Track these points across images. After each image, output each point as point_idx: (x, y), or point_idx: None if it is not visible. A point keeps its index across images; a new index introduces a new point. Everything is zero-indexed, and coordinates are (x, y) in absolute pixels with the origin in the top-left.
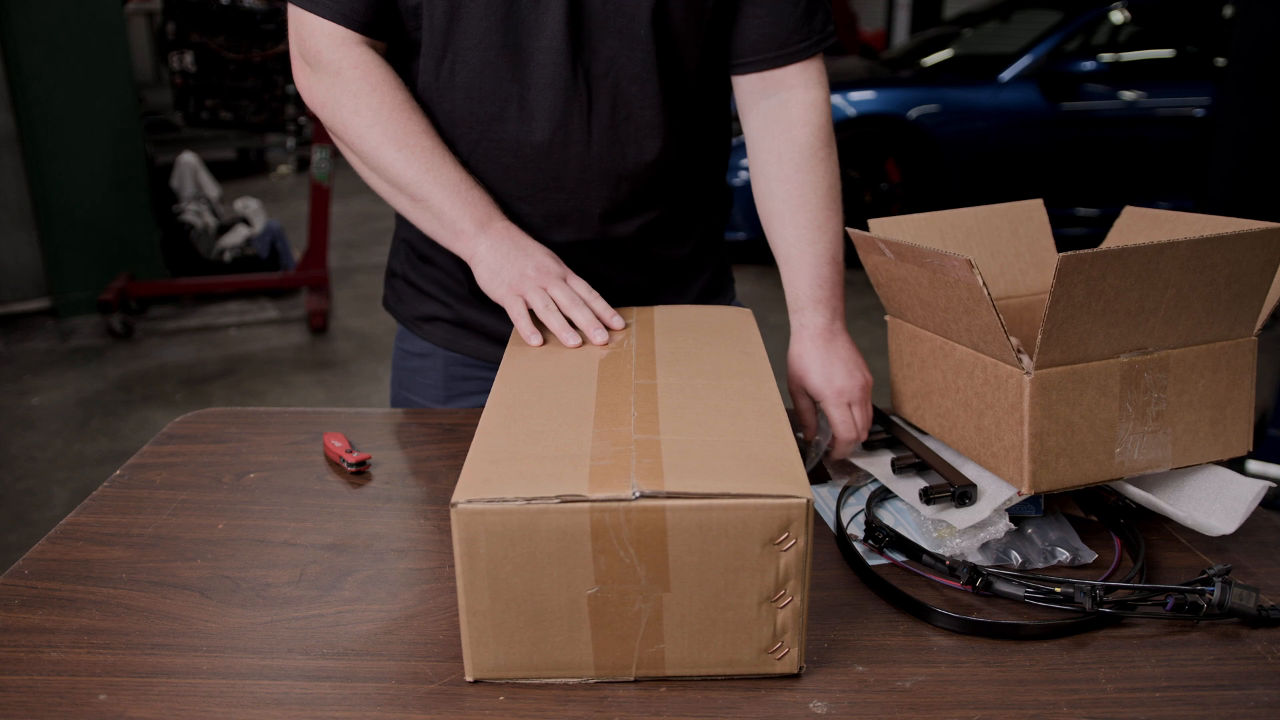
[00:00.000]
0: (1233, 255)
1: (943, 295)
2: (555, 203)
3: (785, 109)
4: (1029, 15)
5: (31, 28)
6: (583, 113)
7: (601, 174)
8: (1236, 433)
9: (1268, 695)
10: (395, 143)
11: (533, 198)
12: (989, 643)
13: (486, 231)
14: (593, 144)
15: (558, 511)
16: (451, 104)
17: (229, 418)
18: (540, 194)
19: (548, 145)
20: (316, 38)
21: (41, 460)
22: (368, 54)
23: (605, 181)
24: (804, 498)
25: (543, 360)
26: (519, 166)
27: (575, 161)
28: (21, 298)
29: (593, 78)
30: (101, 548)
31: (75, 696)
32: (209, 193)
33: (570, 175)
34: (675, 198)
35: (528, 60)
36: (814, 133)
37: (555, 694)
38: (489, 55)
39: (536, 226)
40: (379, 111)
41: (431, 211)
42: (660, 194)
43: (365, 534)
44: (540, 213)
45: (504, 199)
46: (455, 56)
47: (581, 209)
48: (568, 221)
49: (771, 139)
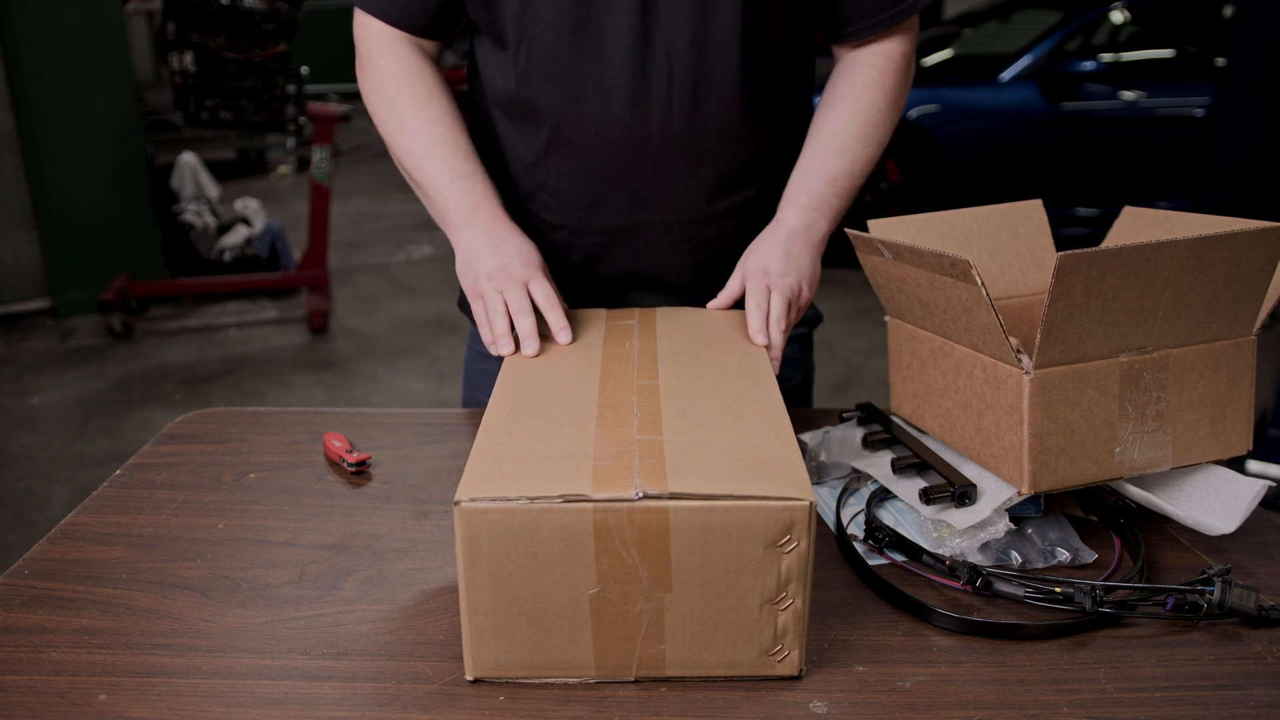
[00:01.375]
0: (1232, 255)
1: (942, 296)
2: (637, 182)
3: (858, 57)
4: (1029, 15)
5: (31, 28)
6: (662, 88)
7: (683, 151)
8: (1236, 432)
9: (1268, 695)
10: (404, 129)
11: (614, 178)
12: (989, 643)
13: (469, 224)
14: (674, 120)
15: (561, 511)
16: (530, 91)
17: (229, 418)
18: (622, 174)
19: (628, 123)
20: (363, 35)
21: (41, 460)
22: (404, 49)
23: (687, 159)
24: (806, 500)
25: (546, 360)
26: (599, 147)
27: (656, 139)
28: (21, 298)
29: (674, 52)
30: (101, 548)
31: (75, 696)
32: (209, 193)
33: (651, 154)
34: (762, 178)
35: (602, 37)
36: (875, 75)
37: (555, 694)
38: (562, 36)
39: (621, 209)
40: (396, 100)
41: (428, 198)
42: (747, 174)
43: (365, 534)
44: (623, 193)
45: (589, 182)
46: (529, 41)
47: (665, 188)
48: (652, 202)
49: (834, 78)
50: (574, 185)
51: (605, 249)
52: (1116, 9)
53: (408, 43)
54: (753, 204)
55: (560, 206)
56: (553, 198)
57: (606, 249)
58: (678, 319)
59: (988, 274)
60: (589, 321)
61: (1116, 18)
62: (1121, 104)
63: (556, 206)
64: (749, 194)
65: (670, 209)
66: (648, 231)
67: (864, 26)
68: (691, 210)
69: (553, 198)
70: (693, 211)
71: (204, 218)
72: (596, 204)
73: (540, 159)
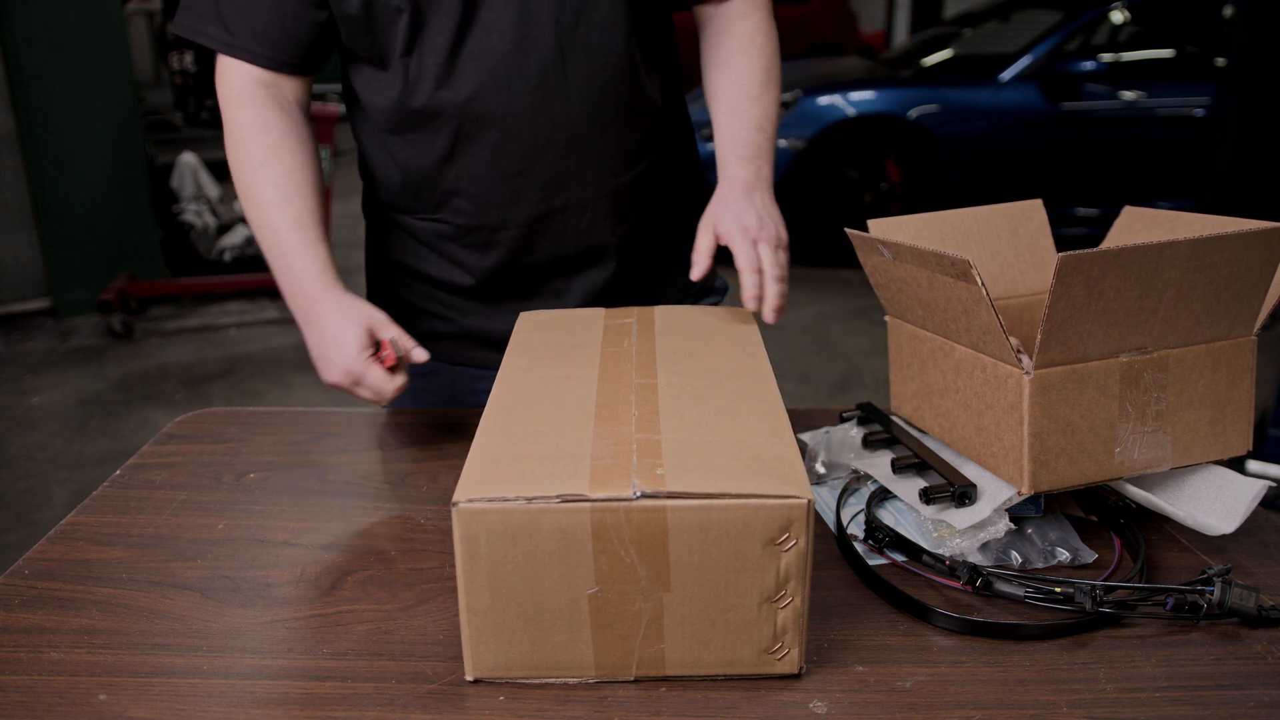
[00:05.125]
0: (1232, 255)
1: (942, 296)
2: (549, 167)
3: (730, 9)
4: (1029, 15)
5: (31, 28)
6: (558, 69)
7: (588, 128)
8: (1236, 432)
9: (1268, 695)
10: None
11: (529, 170)
12: (989, 643)
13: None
14: (572, 97)
15: (559, 511)
16: (422, 99)
17: (229, 418)
18: (534, 162)
19: (530, 110)
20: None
21: (41, 460)
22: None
23: (592, 134)
24: (805, 498)
25: (543, 360)
26: (505, 140)
27: (560, 121)
28: (21, 298)
29: (560, 31)
30: (101, 548)
31: (75, 696)
32: (209, 193)
33: (558, 136)
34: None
35: (489, 31)
36: (755, 24)
37: (555, 694)
38: (452, 38)
39: (536, 197)
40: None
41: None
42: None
43: (365, 534)
44: (538, 182)
45: (503, 177)
46: (420, 51)
47: (577, 169)
48: (567, 184)
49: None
50: (487, 184)
51: (527, 240)
52: (1116, 9)
53: (262, 91)
54: (661, 165)
55: (476, 208)
56: (467, 200)
57: (528, 239)
58: (676, 317)
59: (988, 274)
60: (587, 320)
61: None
62: (1121, 104)
63: (471, 209)
64: (654, 157)
65: (584, 188)
66: (566, 214)
67: None
68: (604, 185)
69: (467, 200)
70: (605, 186)
71: (204, 218)
72: (514, 197)
73: (444, 164)
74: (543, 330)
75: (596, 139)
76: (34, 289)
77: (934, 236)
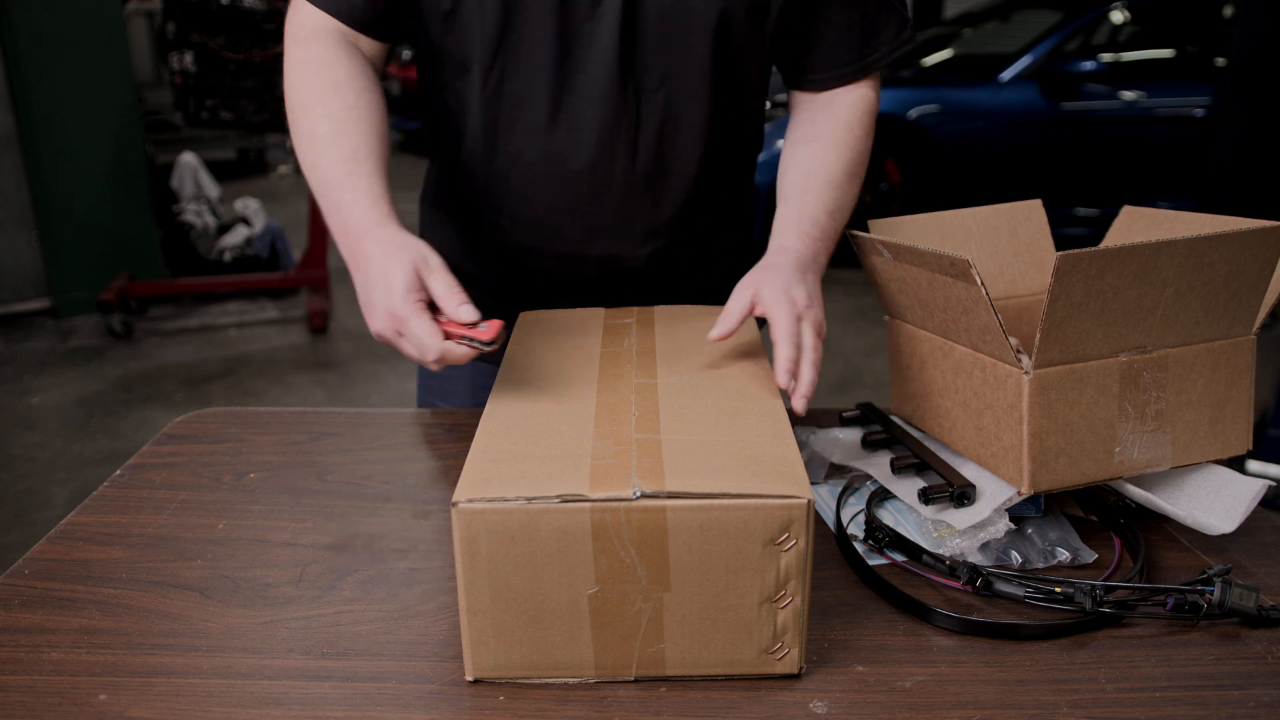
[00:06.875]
0: (1231, 254)
1: (942, 295)
2: (598, 217)
3: (837, 97)
4: (1029, 15)
5: (31, 28)
6: (630, 129)
7: (645, 190)
8: (1236, 432)
9: (1268, 695)
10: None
11: (575, 210)
12: (989, 643)
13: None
14: (638, 160)
15: (559, 511)
16: (497, 111)
17: (229, 418)
18: (584, 207)
19: (593, 161)
20: (290, 24)
21: (41, 460)
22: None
23: (647, 197)
24: (805, 498)
25: (543, 359)
26: (562, 179)
27: (620, 177)
28: (21, 298)
29: (643, 92)
30: (101, 548)
31: (75, 696)
32: (209, 193)
33: (614, 191)
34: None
35: (575, 70)
36: (858, 115)
37: (555, 694)
38: (541, 64)
39: (577, 239)
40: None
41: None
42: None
43: (365, 534)
44: (582, 225)
45: (547, 209)
46: (506, 64)
47: (624, 224)
48: (609, 235)
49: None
50: (533, 210)
51: (557, 274)
52: (1116, 9)
53: (335, 34)
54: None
55: (515, 229)
56: (509, 220)
57: (558, 274)
58: (676, 317)
59: (988, 274)
60: (587, 320)
61: (1116, 18)
62: (1121, 104)
63: (511, 228)
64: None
65: (627, 243)
66: (602, 264)
67: (840, 74)
68: (646, 246)
69: (509, 220)
70: (647, 248)
71: (204, 218)
72: (555, 232)
73: (501, 181)
74: (543, 329)
75: (651, 201)
76: (34, 289)
77: (934, 237)
